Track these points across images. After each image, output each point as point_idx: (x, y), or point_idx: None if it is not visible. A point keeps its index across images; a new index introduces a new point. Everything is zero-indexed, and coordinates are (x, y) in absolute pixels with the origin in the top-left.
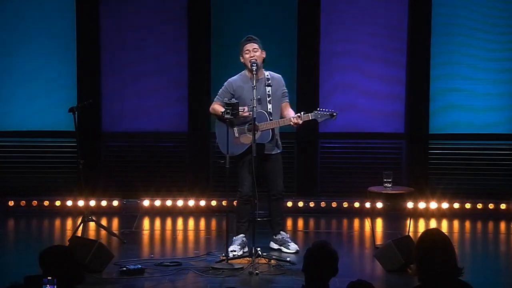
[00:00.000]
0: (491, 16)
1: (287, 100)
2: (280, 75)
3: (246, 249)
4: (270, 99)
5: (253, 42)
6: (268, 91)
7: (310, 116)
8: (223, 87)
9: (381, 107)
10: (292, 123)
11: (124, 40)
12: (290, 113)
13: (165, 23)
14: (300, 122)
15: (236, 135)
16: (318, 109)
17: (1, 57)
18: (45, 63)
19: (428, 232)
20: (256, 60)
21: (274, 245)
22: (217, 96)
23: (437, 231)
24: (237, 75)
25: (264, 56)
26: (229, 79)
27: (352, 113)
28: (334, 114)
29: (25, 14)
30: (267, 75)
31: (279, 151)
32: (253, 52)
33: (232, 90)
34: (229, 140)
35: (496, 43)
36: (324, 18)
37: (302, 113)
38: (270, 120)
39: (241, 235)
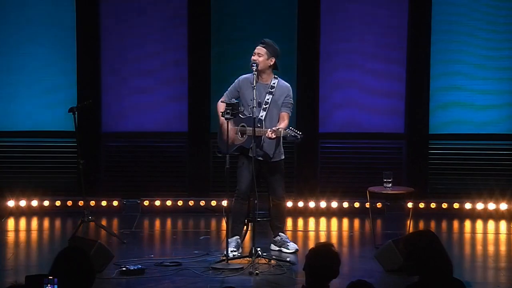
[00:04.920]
0: (491, 14)
1: (287, 111)
2: (289, 85)
3: (240, 251)
4: (266, 107)
5: (261, 46)
6: (267, 99)
7: (282, 132)
8: (233, 83)
9: (381, 106)
10: (267, 136)
11: (124, 39)
12: (279, 125)
13: (165, 22)
14: (273, 136)
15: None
16: (290, 128)
17: (1, 57)
18: (45, 63)
19: (414, 234)
20: (256, 62)
21: (274, 247)
22: (226, 92)
23: (423, 234)
24: (249, 74)
25: (270, 63)
26: (240, 77)
27: (352, 112)
28: (299, 136)
29: (25, 14)
30: (273, 83)
31: (278, 158)
32: (257, 56)
33: (238, 88)
34: (224, 138)
35: (496, 42)
36: (324, 17)
37: (278, 128)
38: (258, 127)
39: (236, 237)
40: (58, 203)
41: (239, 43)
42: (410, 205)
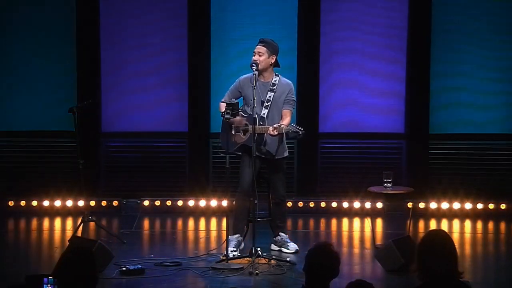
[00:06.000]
0: (491, 14)
1: (289, 108)
2: (290, 82)
3: (242, 246)
4: (268, 105)
5: (261, 45)
6: (269, 96)
7: (284, 129)
8: (234, 83)
9: (381, 106)
10: (269, 133)
11: (124, 39)
12: (282, 122)
13: (165, 22)
14: (275, 133)
15: (233, 132)
16: (292, 124)
17: (1, 57)
18: (45, 63)
19: (430, 233)
20: (257, 62)
21: (274, 247)
22: (227, 92)
23: (439, 232)
24: (249, 74)
25: (272, 61)
26: (241, 77)
27: (352, 112)
28: (300, 132)
29: (25, 14)
30: (275, 80)
31: (281, 156)
32: (258, 55)
33: (239, 88)
34: (228, 137)
35: (496, 42)
36: (324, 17)
37: (280, 125)
38: (260, 124)
39: (237, 235)
40: (58, 203)
41: (239, 43)
42: (410, 205)
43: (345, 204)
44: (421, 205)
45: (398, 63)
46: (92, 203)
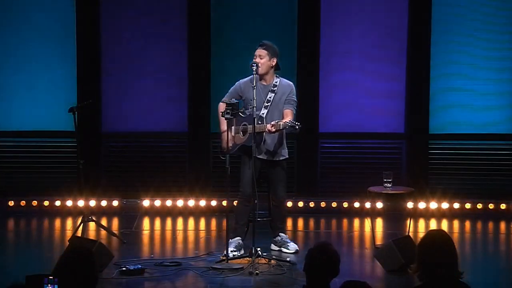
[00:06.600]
0: (491, 15)
1: (290, 108)
2: (291, 83)
3: (242, 252)
4: (268, 105)
5: (261, 48)
6: (269, 97)
7: (281, 125)
8: (234, 86)
9: (381, 106)
10: (267, 130)
11: (124, 40)
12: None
13: (165, 23)
14: (273, 130)
15: (232, 134)
16: (289, 120)
17: (1, 57)
18: (45, 63)
19: (431, 233)
20: (257, 63)
21: (274, 247)
22: (227, 94)
23: (440, 232)
24: (248, 77)
25: (272, 64)
26: (241, 80)
27: (352, 112)
28: (297, 126)
29: (25, 14)
30: (275, 82)
31: (281, 157)
32: (259, 58)
33: (240, 90)
34: (227, 139)
35: (496, 42)
36: (324, 17)
37: (277, 122)
38: (259, 124)
39: (238, 238)
40: (58, 203)
41: (239, 43)
42: (410, 205)
43: (345, 204)
44: (421, 205)
45: (398, 63)
46: (92, 203)
